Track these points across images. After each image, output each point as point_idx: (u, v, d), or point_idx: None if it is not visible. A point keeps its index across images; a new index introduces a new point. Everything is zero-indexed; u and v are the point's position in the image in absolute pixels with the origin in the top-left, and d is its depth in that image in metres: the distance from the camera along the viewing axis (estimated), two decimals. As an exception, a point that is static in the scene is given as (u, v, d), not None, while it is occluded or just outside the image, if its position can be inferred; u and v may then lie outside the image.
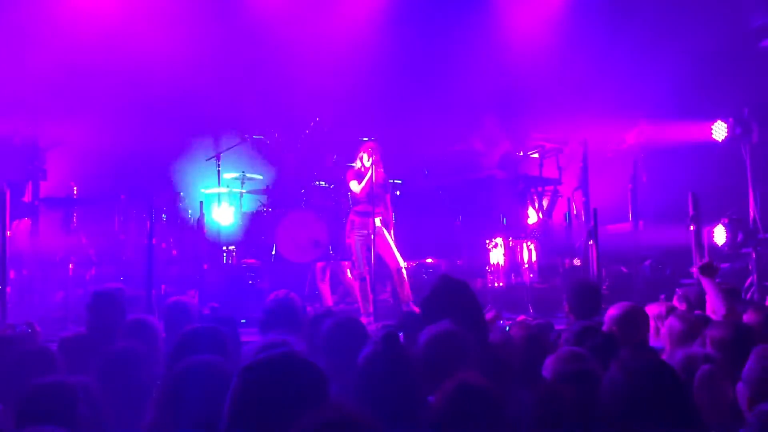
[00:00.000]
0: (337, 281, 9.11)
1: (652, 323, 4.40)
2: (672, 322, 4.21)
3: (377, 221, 7.84)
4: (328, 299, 8.81)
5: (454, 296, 3.87)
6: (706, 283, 4.72)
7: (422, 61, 10.52)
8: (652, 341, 4.34)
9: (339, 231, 8.91)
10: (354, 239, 7.83)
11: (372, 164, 7.76)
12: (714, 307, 4.62)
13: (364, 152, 7.92)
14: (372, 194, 7.77)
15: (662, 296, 6.89)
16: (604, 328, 4.16)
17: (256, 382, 2.26)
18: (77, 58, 9.27)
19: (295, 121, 9.71)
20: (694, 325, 4.15)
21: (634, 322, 4.22)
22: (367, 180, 7.72)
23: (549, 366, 3.24)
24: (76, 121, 9.26)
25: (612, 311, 4.28)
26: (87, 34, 9.39)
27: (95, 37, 9.43)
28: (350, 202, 8.11)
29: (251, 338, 4.51)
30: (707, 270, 4.77)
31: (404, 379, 2.94)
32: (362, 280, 7.75)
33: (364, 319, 7.16)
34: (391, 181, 9.03)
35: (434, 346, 3.28)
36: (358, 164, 8.01)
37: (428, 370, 3.13)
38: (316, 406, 2.17)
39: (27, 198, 8.88)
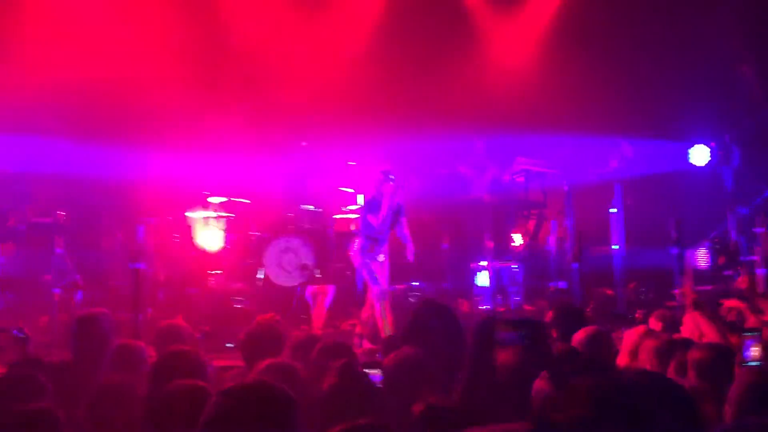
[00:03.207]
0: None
1: (631, 346, 4.41)
2: (649, 342, 4.24)
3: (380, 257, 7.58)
4: (318, 323, 8.54)
5: (436, 320, 3.90)
6: (698, 318, 4.61)
7: (409, 85, 10.52)
8: (631, 363, 4.35)
9: (326, 255, 8.95)
10: (367, 261, 7.51)
11: (388, 191, 7.40)
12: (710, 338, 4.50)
13: (378, 177, 7.51)
14: (386, 221, 7.49)
15: (638, 313, 6.93)
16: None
17: (226, 410, 2.29)
18: (60, 77, 9.26)
19: (283, 145, 9.72)
20: (671, 346, 4.17)
21: (598, 344, 4.29)
22: (384, 209, 7.39)
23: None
24: (61, 144, 9.28)
25: (578, 335, 4.34)
26: (66, 54, 9.38)
27: (76, 56, 9.41)
28: (361, 226, 7.73)
29: (239, 362, 4.51)
30: (698, 305, 4.73)
31: (365, 407, 3.00)
32: (384, 299, 7.41)
33: (369, 344, 7.14)
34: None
35: (396, 371, 3.38)
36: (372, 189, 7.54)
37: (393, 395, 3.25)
38: None
39: (11, 222, 8.87)
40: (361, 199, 8.01)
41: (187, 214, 9.24)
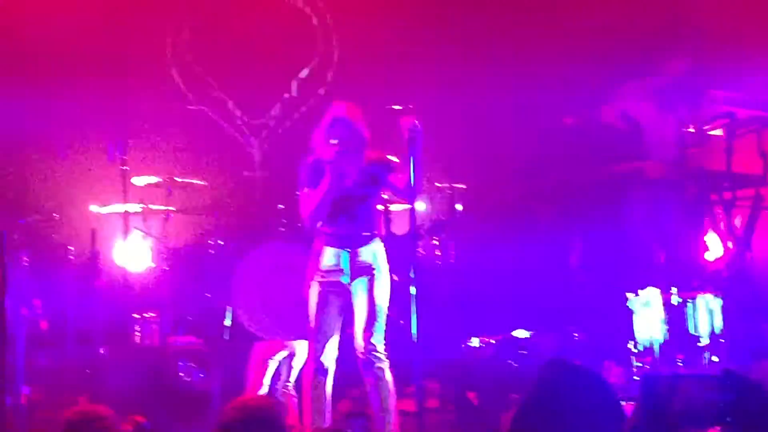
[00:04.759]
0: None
1: None
2: None
3: (365, 255, 7.05)
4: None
5: (573, 399, 4.01)
6: None
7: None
8: None
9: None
10: (314, 288, 7.23)
11: (346, 144, 7.02)
12: None
13: (333, 119, 7.21)
14: (343, 203, 7.09)
15: None
16: None
17: None
18: None
19: (269, 81, 10.08)
20: None
21: None
22: (332, 176, 6.97)
23: None
24: None
25: None
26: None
27: None
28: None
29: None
30: None
31: None
32: (317, 370, 7.15)
33: None
34: (437, 184, 9.37)
35: None
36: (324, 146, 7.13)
37: None
38: None
39: None
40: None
41: (91, 208, 9.49)
